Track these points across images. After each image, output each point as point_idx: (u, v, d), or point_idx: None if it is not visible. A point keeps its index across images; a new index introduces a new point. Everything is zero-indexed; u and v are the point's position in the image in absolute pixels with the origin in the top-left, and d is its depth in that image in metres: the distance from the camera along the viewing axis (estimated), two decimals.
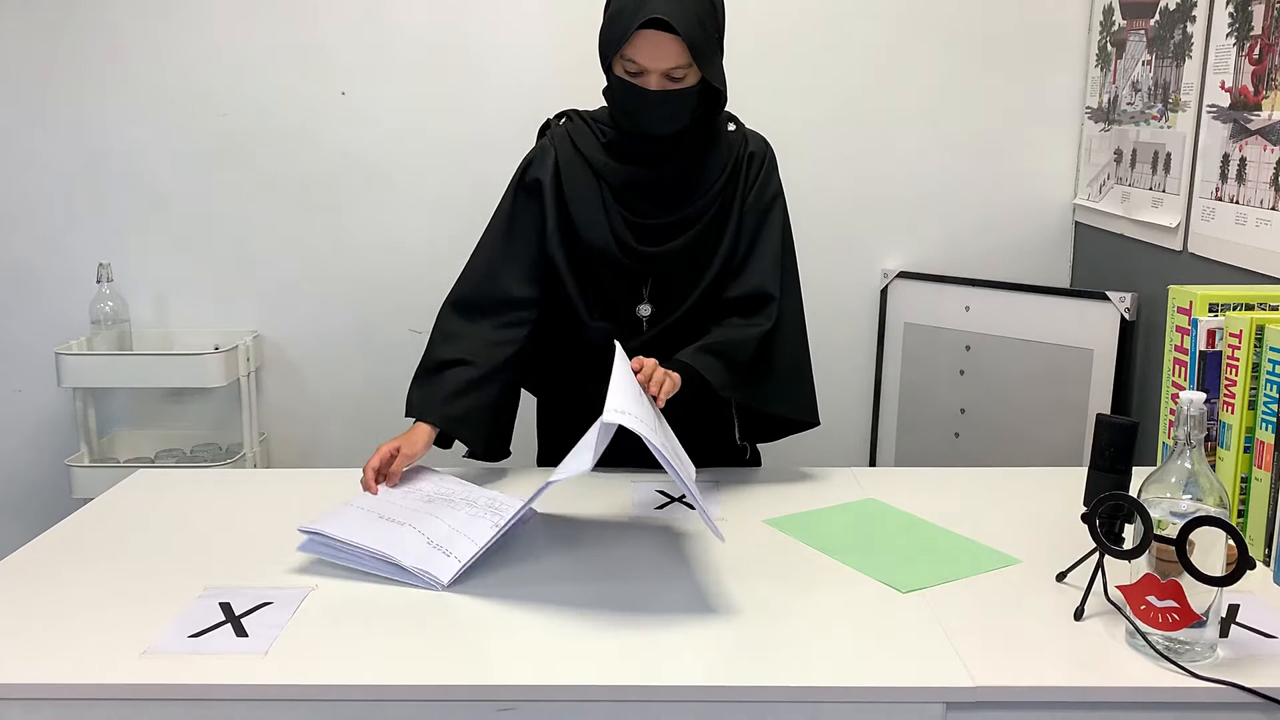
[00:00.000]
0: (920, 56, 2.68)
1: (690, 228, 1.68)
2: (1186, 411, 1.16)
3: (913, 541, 1.48)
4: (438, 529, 1.41)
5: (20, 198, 2.75)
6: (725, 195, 1.69)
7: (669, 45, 1.53)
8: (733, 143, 1.71)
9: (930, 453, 2.70)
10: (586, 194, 1.69)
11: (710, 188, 1.68)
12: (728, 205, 1.69)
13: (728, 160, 1.69)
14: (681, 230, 1.68)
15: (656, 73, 1.55)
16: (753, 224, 1.70)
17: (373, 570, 1.35)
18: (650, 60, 1.54)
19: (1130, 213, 2.38)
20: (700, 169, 1.68)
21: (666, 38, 1.52)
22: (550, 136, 1.75)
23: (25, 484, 2.87)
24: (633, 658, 1.16)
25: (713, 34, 1.58)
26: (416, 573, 1.33)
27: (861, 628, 1.23)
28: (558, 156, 1.71)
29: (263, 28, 2.68)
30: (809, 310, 2.83)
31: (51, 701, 1.13)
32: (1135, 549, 1.14)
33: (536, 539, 1.49)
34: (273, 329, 2.83)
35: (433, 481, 1.60)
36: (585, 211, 1.69)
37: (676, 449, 1.47)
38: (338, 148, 2.74)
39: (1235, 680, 1.09)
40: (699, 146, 1.67)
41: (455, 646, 1.19)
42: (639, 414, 1.36)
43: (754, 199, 1.70)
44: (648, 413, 1.41)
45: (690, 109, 1.61)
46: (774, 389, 1.72)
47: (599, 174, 1.68)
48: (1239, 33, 1.95)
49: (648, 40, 1.53)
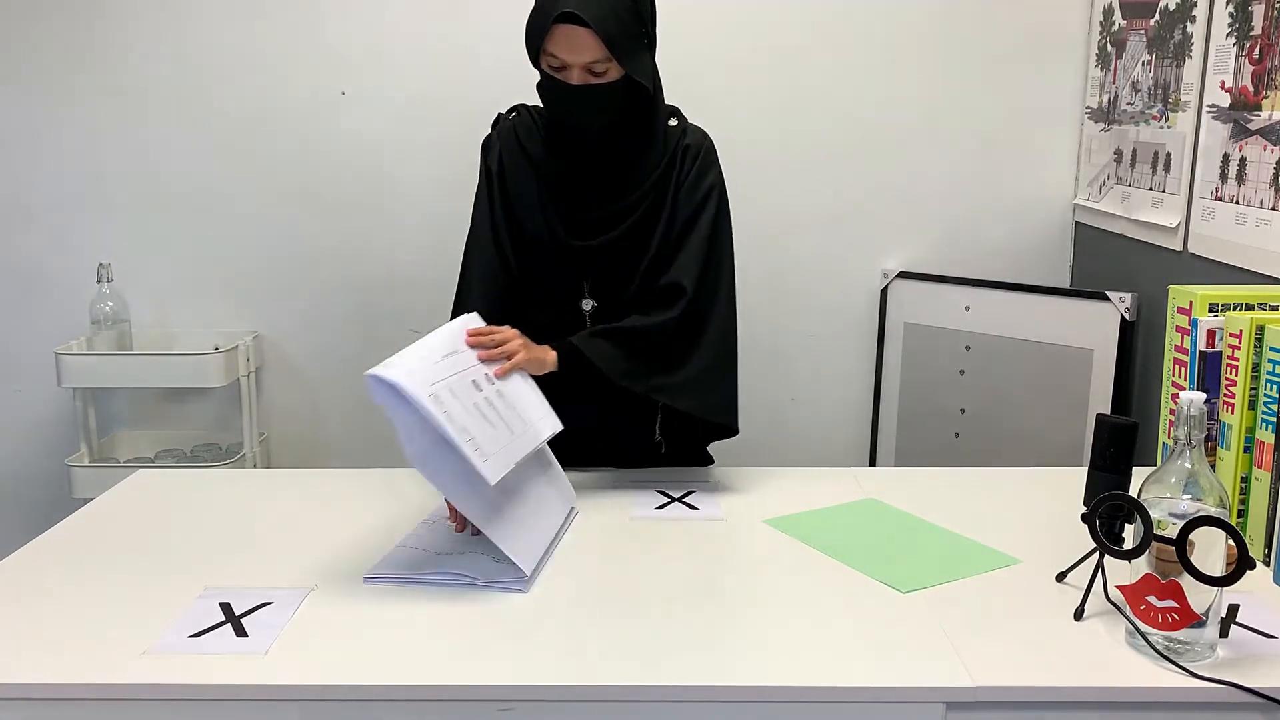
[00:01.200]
0: (920, 56, 2.68)
1: (624, 221, 1.69)
2: (1186, 411, 1.16)
3: (913, 541, 1.48)
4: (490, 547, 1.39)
5: (20, 198, 2.75)
6: (660, 189, 1.70)
7: (585, 39, 1.54)
8: (671, 137, 1.71)
9: (930, 453, 2.70)
10: (525, 188, 1.72)
11: (645, 181, 1.68)
12: (663, 199, 1.70)
13: (664, 154, 1.70)
14: (616, 223, 1.69)
15: (577, 67, 1.57)
16: (684, 216, 1.70)
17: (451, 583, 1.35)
18: (568, 54, 1.56)
19: (1130, 213, 2.38)
20: (635, 163, 1.69)
21: (582, 32, 1.54)
22: (497, 131, 1.78)
23: (25, 484, 2.87)
24: (633, 658, 1.17)
25: (633, 28, 1.59)
26: (493, 584, 1.33)
27: (861, 628, 1.23)
28: (501, 150, 1.75)
29: (263, 28, 2.68)
30: (809, 309, 2.85)
31: (51, 701, 1.13)
32: (1135, 549, 1.14)
33: None
34: (273, 329, 2.83)
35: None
36: (524, 205, 1.72)
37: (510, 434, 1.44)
38: (338, 147, 2.74)
39: (1235, 680, 1.09)
40: (632, 141, 1.68)
41: (454, 646, 1.19)
42: (424, 374, 1.35)
43: (685, 192, 1.70)
44: (455, 381, 1.40)
45: (617, 103, 1.62)
46: (681, 384, 1.68)
47: (537, 168, 1.71)
48: (1239, 33, 1.95)
49: (564, 34, 1.55)
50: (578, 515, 1.57)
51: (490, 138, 1.78)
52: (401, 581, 1.35)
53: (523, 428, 1.47)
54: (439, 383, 1.38)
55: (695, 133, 1.75)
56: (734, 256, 1.75)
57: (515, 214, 1.73)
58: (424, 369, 1.39)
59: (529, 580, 1.34)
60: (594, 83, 1.59)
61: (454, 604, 1.29)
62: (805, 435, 2.87)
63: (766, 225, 2.75)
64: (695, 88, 2.69)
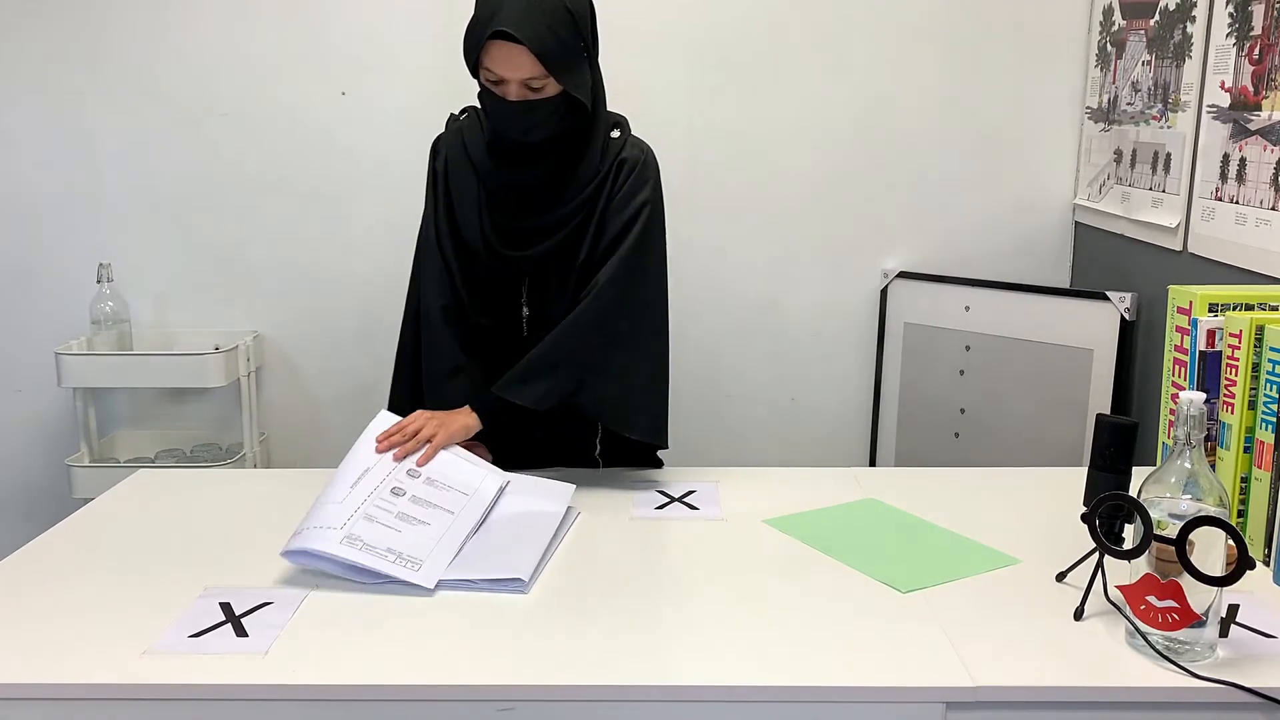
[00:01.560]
0: (920, 56, 2.68)
1: (555, 233, 1.68)
2: (1186, 411, 1.16)
3: (913, 541, 1.48)
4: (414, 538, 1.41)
5: (20, 198, 2.75)
6: (594, 201, 1.68)
7: (521, 56, 1.53)
8: (610, 151, 1.69)
9: (930, 453, 2.70)
10: (467, 195, 1.72)
11: (578, 194, 1.67)
12: (593, 212, 1.68)
13: (602, 166, 1.68)
14: (546, 235, 1.68)
15: (514, 82, 1.56)
16: (612, 232, 1.68)
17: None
18: (505, 70, 1.55)
19: (1130, 213, 2.38)
20: (571, 174, 1.67)
21: (518, 49, 1.52)
22: (448, 132, 1.78)
23: (25, 484, 2.87)
24: (632, 658, 1.17)
25: (571, 43, 1.56)
26: (493, 587, 1.33)
27: (861, 628, 1.23)
28: (448, 153, 1.75)
29: (263, 27, 2.68)
30: (808, 309, 2.85)
31: (51, 701, 1.13)
32: (1135, 549, 1.14)
33: None
34: (273, 329, 2.83)
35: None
36: (464, 211, 1.72)
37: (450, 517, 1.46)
38: (338, 148, 2.74)
39: (1235, 680, 1.09)
40: (570, 153, 1.67)
41: (455, 646, 1.19)
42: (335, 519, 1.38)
43: (616, 206, 1.68)
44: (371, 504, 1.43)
45: (556, 118, 1.61)
46: (608, 400, 1.67)
47: (479, 173, 1.71)
48: (1239, 33, 1.95)
49: (501, 51, 1.53)
50: (579, 516, 1.57)
51: (440, 139, 1.78)
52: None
53: (463, 501, 1.49)
54: (351, 519, 1.39)
55: (635, 146, 1.72)
56: (666, 274, 1.73)
57: (455, 218, 1.72)
58: (334, 514, 1.39)
59: (528, 582, 1.34)
60: (532, 98, 1.57)
61: (454, 604, 1.29)
62: (805, 435, 2.87)
63: (766, 225, 2.76)
64: (695, 87, 2.70)
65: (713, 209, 2.76)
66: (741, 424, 2.86)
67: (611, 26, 2.67)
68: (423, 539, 1.40)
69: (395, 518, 1.42)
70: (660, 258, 1.73)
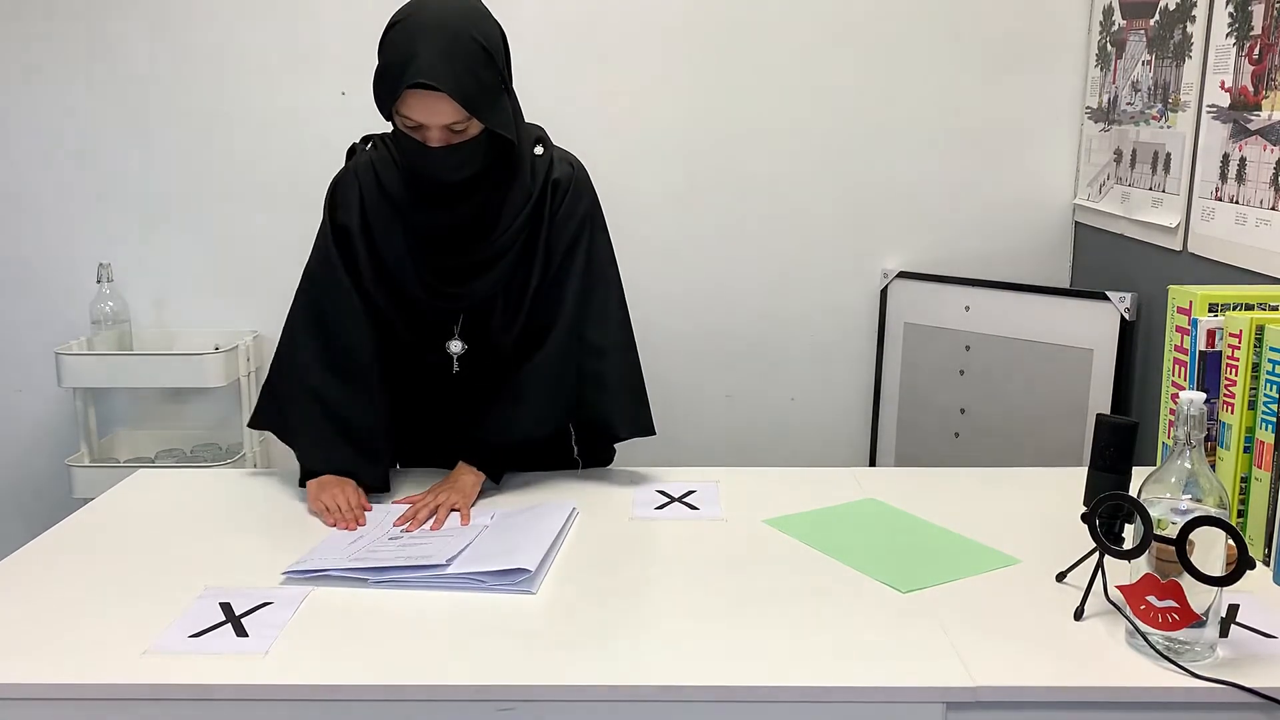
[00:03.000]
0: (920, 56, 2.68)
1: (494, 266, 1.63)
2: (1186, 411, 1.16)
3: (913, 541, 1.48)
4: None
5: (20, 198, 2.75)
6: (531, 228, 1.64)
7: (441, 104, 1.46)
8: (537, 170, 1.65)
9: (930, 453, 2.70)
10: (391, 235, 1.64)
11: (511, 224, 1.62)
12: (534, 237, 1.65)
13: (531, 190, 1.63)
14: (485, 269, 1.63)
15: (436, 128, 1.49)
16: (560, 254, 1.66)
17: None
18: (425, 117, 1.48)
19: (1130, 213, 2.38)
20: (499, 206, 1.62)
21: (437, 95, 1.45)
22: (354, 167, 1.70)
23: (25, 484, 2.87)
24: (632, 658, 1.17)
25: (489, 80, 1.51)
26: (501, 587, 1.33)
27: (861, 628, 1.23)
28: (362, 192, 1.66)
29: (263, 28, 2.68)
30: (809, 309, 2.85)
31: (51, 701, 1.13)
32: (1135, 549, 1.14)
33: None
34: (273, 329, 2.81)
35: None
36: (391, 253, 1.64)
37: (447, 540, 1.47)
38: (338, 148, 2.72)
39: (1235, 680, 1.09)
40: (498, 183, 1.61)
41: (455, 646, 1.19)
42: (339, 551, 1.41)
43: (557, 232, 1.65)
44: (368, 544, 1.45)
45: (479, 156, 1.54)
46: (612, 409, 1.70)
47: (401, 215, 1.63)
48: (1239, 33, 1.95)
49: (419, 99, 1.47)
50: (578, 515, 1.57)
51: (347, 178, 1.69)
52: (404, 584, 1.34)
53: (455, 529, 1.51)
54: (354, 545, 1.45)
55: (562, 165, 1.67)
56: (619, 273, 1.73)
57: (385, 265, 1.64)
58: (337, 551, 1.43)
59: (535, 580, 1.34)
60: (455, 140, 1.51)
61: (454, 604, 1.29)
62: (805, 435, 2.87)
63: (767, 225, 2.76)
64: (694, 87, 2.70)
65: (712, 209, 2.76)
66: (741, 424, 2.86)
67: (610, 26, 2.68)
68: (426, 550, 1.41)
69: (398, 547, 1.44)
70: (611, 260, 1.72)
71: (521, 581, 1.32)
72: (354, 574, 1.34)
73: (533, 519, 1.52)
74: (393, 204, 1.64)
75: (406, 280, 1.65)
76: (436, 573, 1.34)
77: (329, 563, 1.37)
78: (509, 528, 1.50)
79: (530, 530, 1.47)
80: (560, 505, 1.57)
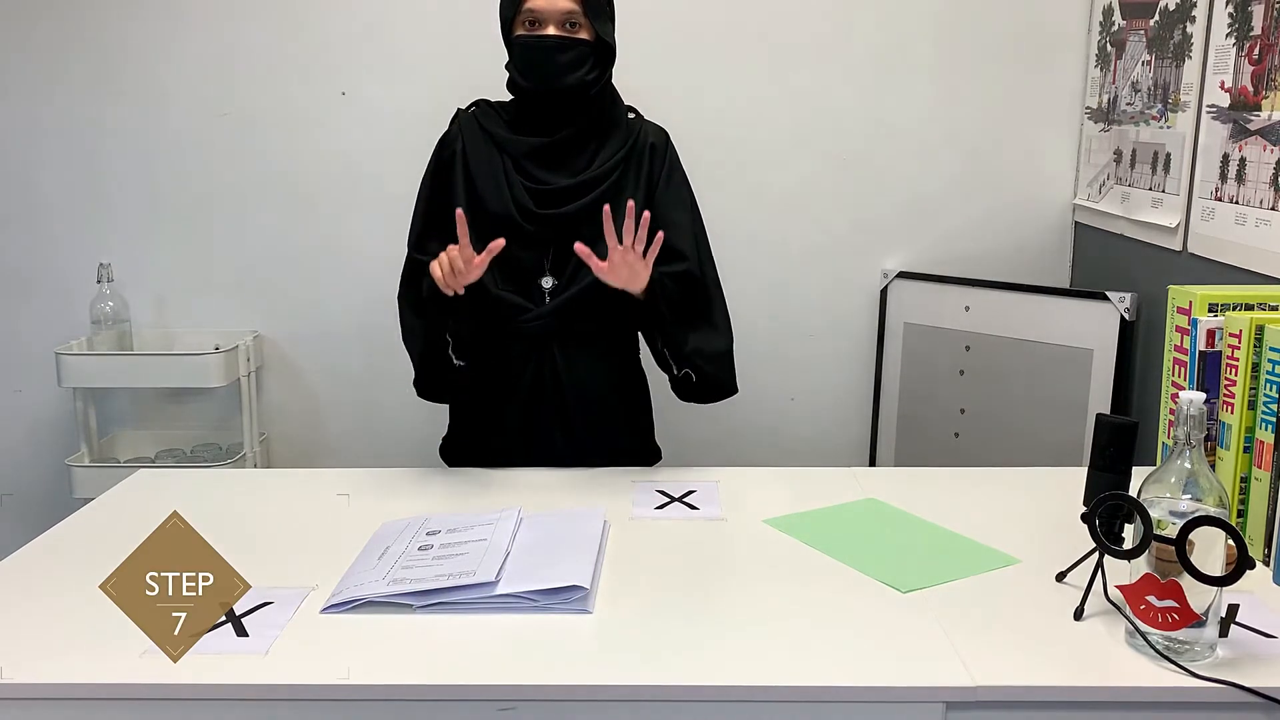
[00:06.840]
0: (920, 56, 2.68)
1: (588, 192, 1.77)
2: (1186, 411, 1.16)
3: (913, 541, 1.48)
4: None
5: (20, 198, 2.75)
6: (624, 170, 1.81)
7: None
8: (631, 128, 1.85)
9: (930, 453, 2.70)
10: (489, 168, 1.80)
11: (609, 157, 1.80)
12: (625, 180, 1.80)
13: (626, 139, 1.83)
14: (579, 194, 1.77)
15: (554, 20, 1.72)
16: (672, 215, 1.81)
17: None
18: (546, 5, 1.71)
19: (1130, 213, 2.38)
20: (596, 137, 1.81)
21: None
22: (458, 122, 1.88)
23: (25, 484, 2.87)
24: (632, 658, 1.17)
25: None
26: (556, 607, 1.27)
27: (861, 628, 1.23)
28: (463, 136, 1.84)
29: (263, 28, 2.68)
30: (809, 310, 2.85)
31: (51, 701, 1.13)
32: (1135, 549, 1.14)
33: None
34: (273, 329, 2.83)
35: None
36: (488, 183, 1.79)
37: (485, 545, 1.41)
38: (338, 148, 2.74)
39: (1235, 680, 1.09)
40: (595, 112, 1.80)
41: (455, 646, 1.19)
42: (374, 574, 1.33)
43: (663, 187, 1.83)
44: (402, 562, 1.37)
45: (587, 63, 1.75)
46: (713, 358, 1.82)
47: (501, 148, 1.80)
48: (1239, 33, 1.95)
49: None
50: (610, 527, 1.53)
51: (450, 129, 1.88)
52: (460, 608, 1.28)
53: (489, 531, 1.44)
54: (391, 571, 1.35)
55: (657, 131, 1.88)
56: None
57: (477, 192, 1.79)
58: (370, 575, 1.34)
59: (590, 598, 1.28)
60: (568, 36, 1.72)
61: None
62: (805, 435, 2.87)
63: (767, 225, 2.75)
64: (695, 87, 2.70)
65: (712, 209, 2.73)
66: (741, 424, 2.85)
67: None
68: (466, 563, 1.34)
69: (432, 559, 1.37)
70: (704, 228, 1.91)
71: (576, 600, 1.27)
72: (397, 599, 1.28)
73: (568, 526, 1.47)
74: (493, 139, 1.82)
75: (502, 207, 1.77)
76: (485, 593, 1.28)
77: (366, 589, 1.29)
78: (545, 536, 1.44)
79: (569, 539, 1.42)
80: (592, 512, 1.52)
